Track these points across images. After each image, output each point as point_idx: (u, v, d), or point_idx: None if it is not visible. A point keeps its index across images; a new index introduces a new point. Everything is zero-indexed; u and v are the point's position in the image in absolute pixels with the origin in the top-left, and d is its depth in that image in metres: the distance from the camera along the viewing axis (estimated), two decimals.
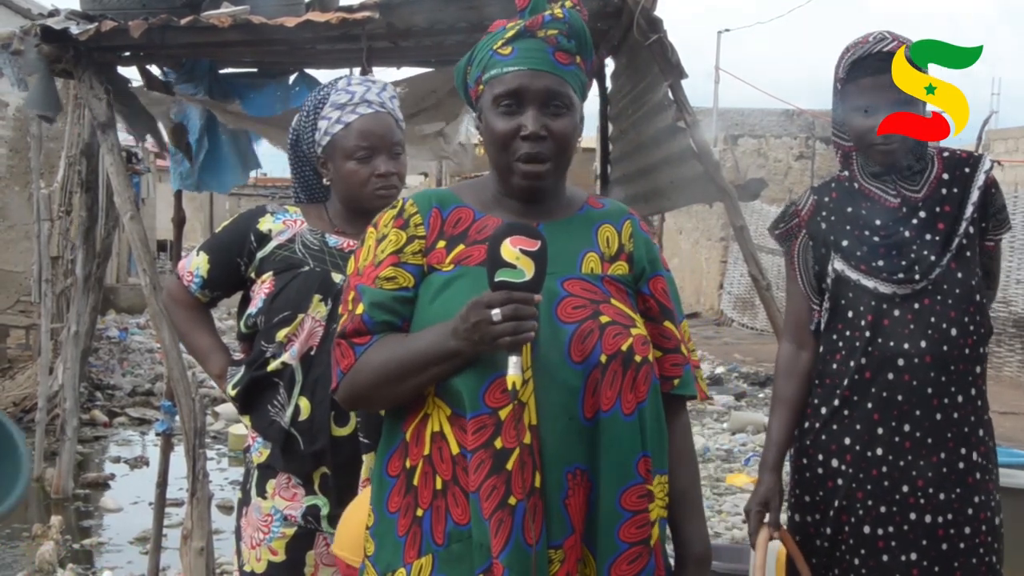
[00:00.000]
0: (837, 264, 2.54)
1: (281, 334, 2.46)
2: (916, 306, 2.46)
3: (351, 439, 2.41)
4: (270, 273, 2.51)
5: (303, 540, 2.49)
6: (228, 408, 8.78)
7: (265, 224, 2.56)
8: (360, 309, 1.90)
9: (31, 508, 6.58)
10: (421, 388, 1.86)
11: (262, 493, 2.51)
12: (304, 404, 2.45)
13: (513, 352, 1.73)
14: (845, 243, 2.54)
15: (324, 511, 2.47)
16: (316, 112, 2.55)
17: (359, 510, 2.22)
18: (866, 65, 2.45)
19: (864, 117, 2.47)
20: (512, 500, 1.77)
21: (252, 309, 2.52)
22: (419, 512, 1.86)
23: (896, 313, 2.47)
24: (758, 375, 11.43)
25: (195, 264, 2.62)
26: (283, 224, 2.56)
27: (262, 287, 2.51)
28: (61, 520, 6.05)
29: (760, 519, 2.59)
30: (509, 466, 1.77)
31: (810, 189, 2.70)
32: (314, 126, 2.55)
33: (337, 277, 2.46)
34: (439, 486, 1.84)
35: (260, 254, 2.53)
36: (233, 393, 2.52)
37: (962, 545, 2.45)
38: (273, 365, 2.46)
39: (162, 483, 4.76)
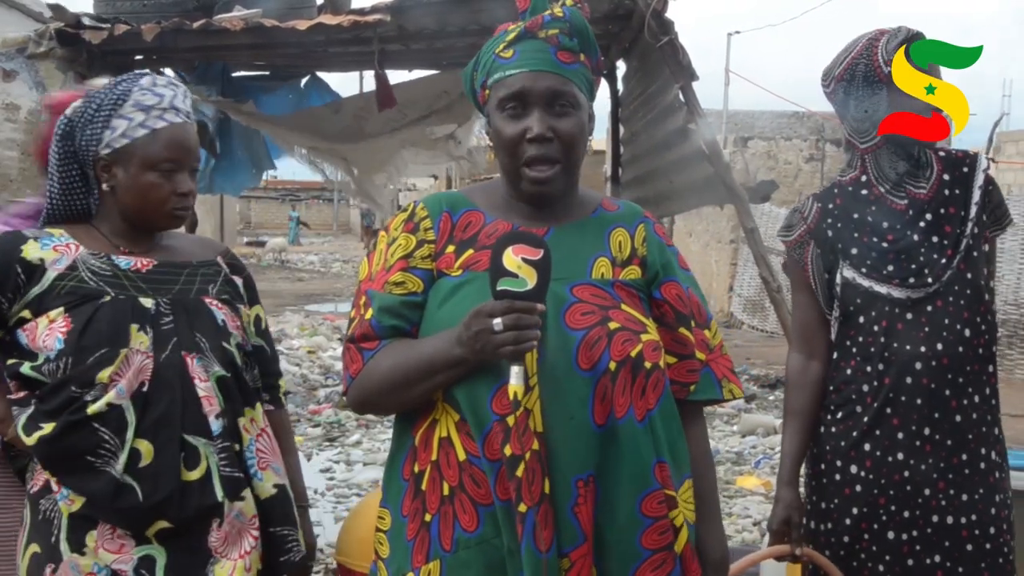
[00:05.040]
0: (847, 272, 2.52)
1: (104, 375, 2.10)
2: (929, 309, 2.46)
3: (202, 485, 2.13)
4: (60, 310, 2.13)
5: None
6: None
7: (32, 253, 2.17)
8: (369, 314, 1.90)
9: None
10: (429, 393, 1.86)
11: (78, 548, 2.11)
12: (144, 447, 2.11)
13: (515, 362, 1.72)
14: (854, 251, 2.52)
15: (161, 561, 2.11)
16: (113, 108, 2.20)
17: (361, 515, 2.22)
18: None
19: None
20: (522, 507, 1.77)
21: (48, 352, 2.12)
22: (427, 517, 1.86)
23: (909, 317, 2.46)
24: (768, 377, 11.39)
25: None
26: (54, 251, 2.18)
27: (52, 326, 2.13)
28: None
29: (781, 538, 2.56)
30: (519, 473, 1.76)
31: (812, 196, 2.66)
32: (106, 123, 2.19)
33: (147, 302, 2.16)
34: (446, 492, 1.84)
35: (36, 290, 2.15)
36: (33, 441, 2.11)
37: (988, 545, 2.44)
38: (95, 408, 2.09)
39: None
